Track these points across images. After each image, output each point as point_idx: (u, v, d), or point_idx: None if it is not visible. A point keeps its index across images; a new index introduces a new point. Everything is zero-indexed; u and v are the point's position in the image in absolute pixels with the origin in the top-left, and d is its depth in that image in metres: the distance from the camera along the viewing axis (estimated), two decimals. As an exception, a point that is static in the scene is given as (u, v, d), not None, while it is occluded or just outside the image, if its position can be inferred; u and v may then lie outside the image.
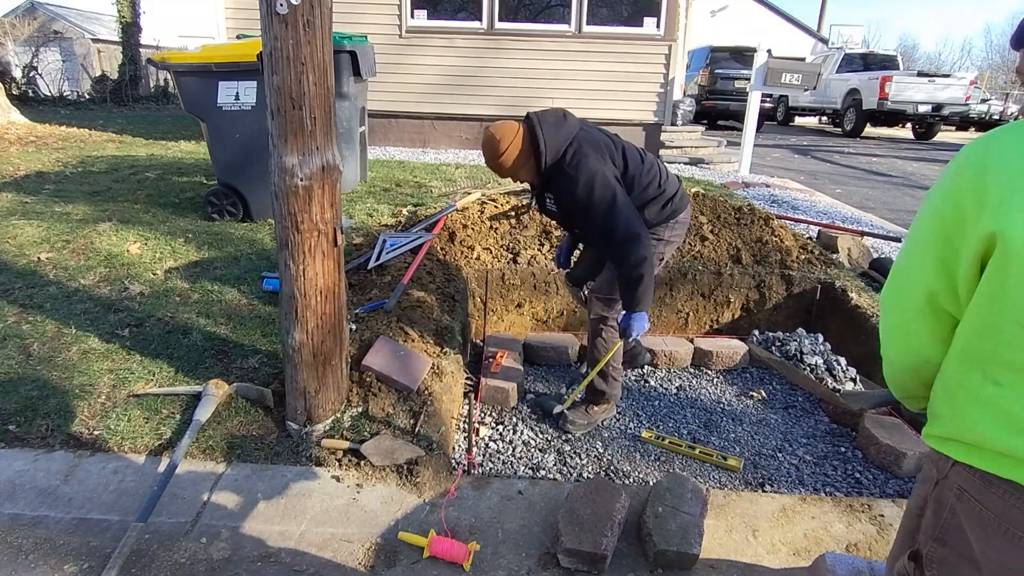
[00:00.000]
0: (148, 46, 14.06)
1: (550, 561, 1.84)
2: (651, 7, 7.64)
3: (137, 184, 5.00)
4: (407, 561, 1.81)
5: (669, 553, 1.81)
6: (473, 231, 3.94)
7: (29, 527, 1.85)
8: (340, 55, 4.30)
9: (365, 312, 2.98)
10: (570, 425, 2.42)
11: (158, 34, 15.88)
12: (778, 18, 24.56)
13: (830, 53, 16.30)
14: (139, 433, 2.24)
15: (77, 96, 13.55)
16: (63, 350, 2.63)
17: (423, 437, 2.32)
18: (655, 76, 7.77)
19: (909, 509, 0.98)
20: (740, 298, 3.77)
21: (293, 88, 1.89)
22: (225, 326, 2.86)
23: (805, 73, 6.99)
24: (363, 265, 3.45)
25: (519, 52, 7.72)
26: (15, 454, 2.13)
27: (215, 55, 3.83)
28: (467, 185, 5.39)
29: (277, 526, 1.90)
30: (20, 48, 15.07)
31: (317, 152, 1.99)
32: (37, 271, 3.21)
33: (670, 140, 8.02)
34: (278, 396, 2.39)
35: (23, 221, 3.78)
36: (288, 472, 2.11)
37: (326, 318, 2.18)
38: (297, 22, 1.84)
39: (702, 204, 4.12)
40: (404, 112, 8.00)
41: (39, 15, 19.34)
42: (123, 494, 1.99)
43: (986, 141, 0.83)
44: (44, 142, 7.00)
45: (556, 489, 2.17)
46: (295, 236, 2.03)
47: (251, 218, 4.12)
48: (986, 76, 28.69)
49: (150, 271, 3.26)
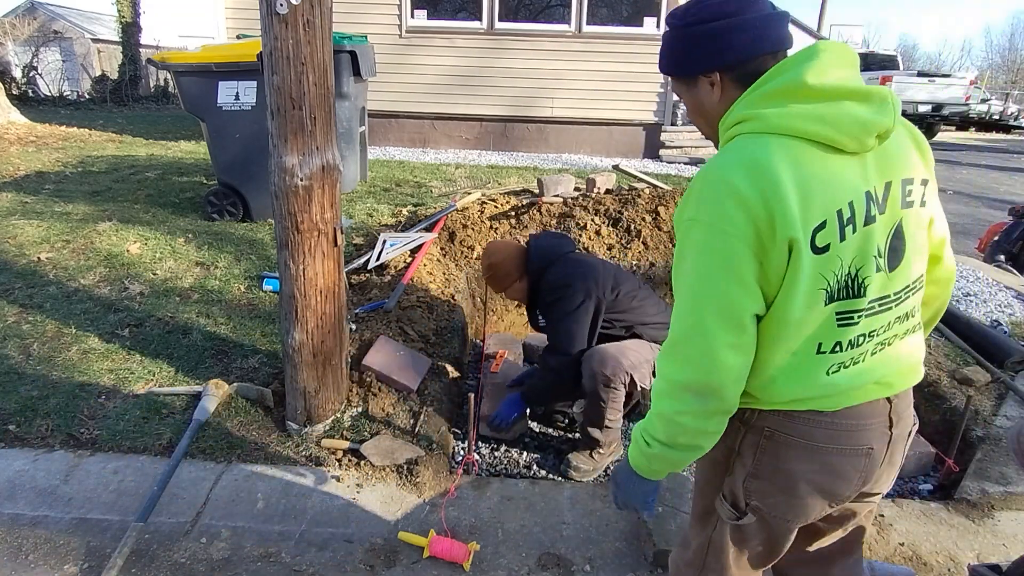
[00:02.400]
0: (148, 46, 14.08)
1: (550, 561, 1.84)
2: (651, 7, 7.64)
3: (137, 184, 5.00)
4: (407, 561, 1.81)
5: (669, 553, 1.80)
6: (473, 231, 3.94)
7: (29, 527, 1.85)
8: (340, 55, 4.30)
9: (365, 312, 2.98)
10: (574, 471, 2.42)
11: (158, 34, 15.92)
12: (778, 18, 24.52)
13: (830, 53, 16.27)
14: (139, 433, 2.24)
15: (77, 96, 13.55)
16: (63, 350, 2.63)
17: (423, 437, 2.32)
18: (655, 76, 7.76)
19: (712, 461, 1.16)
20: (740, 298, 3.77)
21: (293, 88, 1.89)
22: (225, 326, 2.86)
23: (805, 73, 6.98)
24: (363, 265, 3.45)
25: (519, 52, 7.72)
26: (15, 454, 2.13)
27: (215, 55, 3.83)
28: (467, 185, 5.39)
29: (277, 526, 1.90)
30: (20, 48, 15.08)
31: (317, 152, 1.99)
32: (37, 271, 3.21)
33: (670, 140, 8.02)
34: (278, 396, 2.39)
35: (23, 221, 3.78)
36: (288, 472, 2.11)
37: (326, 318, 2.18)
38: (297, 22, 1.84)
39: (702, 204, 4.12)
40: (404, 112, 8.00)
41: (39, 15, 19.35)
42: (123, 494, 1.99)
43: (730, 176, 0.95)
44: (44, 142, 7.00)
45: (556, 489, 2.17)
46: (295, 236, 2.03)
47: (251, 218, 4.12)
48: (986, 76, 28.70)
49: (150, 271, 3.26)
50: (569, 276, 2.37)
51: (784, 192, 0.92)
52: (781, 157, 0.93)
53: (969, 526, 2.06)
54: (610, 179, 4.59)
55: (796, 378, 1.02)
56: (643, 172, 5.29)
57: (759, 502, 1.12)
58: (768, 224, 0.92)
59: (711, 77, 1.06)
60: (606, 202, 4.12)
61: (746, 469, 1.11)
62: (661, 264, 3.78)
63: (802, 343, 1.00)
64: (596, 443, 2.41)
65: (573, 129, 8.05)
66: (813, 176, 0.94)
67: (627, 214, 3.99)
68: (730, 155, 0.97)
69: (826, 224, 0.94)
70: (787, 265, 0.95)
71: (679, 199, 4.03)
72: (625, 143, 8.08)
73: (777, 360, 1.02)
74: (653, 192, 4.21)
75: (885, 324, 1.04)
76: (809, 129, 0.94)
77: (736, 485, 1.13)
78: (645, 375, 2.37)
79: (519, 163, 7.03)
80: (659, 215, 3.98)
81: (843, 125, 0.94)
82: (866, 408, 1.05)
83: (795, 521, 1.12)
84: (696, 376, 0.99)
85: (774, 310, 0.98)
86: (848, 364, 1.03)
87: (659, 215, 3.98)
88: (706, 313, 0.97)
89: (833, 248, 0.95)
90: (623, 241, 3.88)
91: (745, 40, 1.01)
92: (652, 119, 7.94)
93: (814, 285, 0.96)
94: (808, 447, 1.05)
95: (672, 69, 1.12)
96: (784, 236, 0.92)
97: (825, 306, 0.98)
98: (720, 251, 0.95)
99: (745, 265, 0.94)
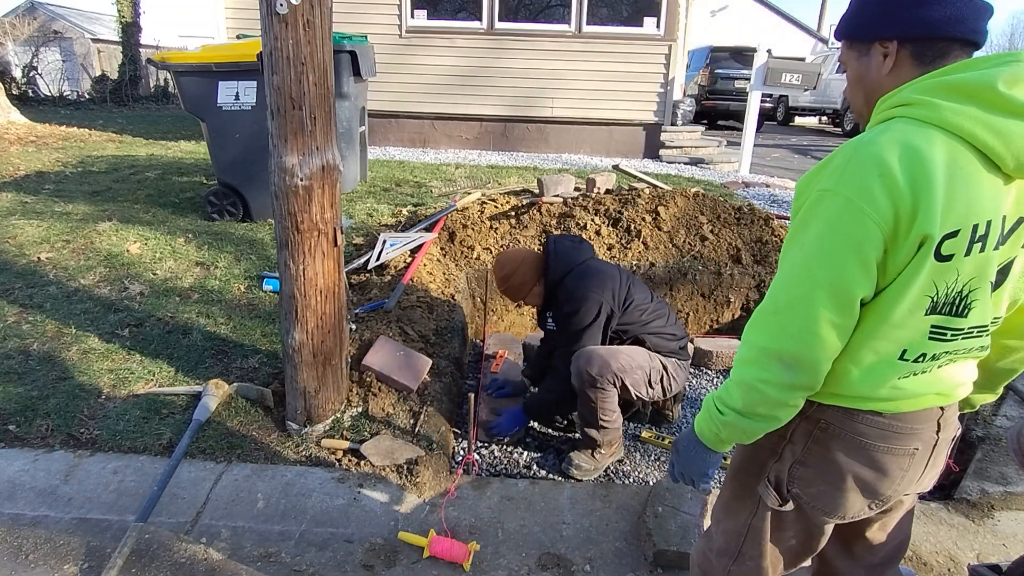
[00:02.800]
0: (148, 46, 14.07)
1: (550, 561, 1.84)
2: (651, 7, 7.64)
3: (137, 184, 5.00)
4: (407, 561, 1.81)
5: (669, 553, 1.81)
6: (473, 231, 3.94)
7: (29, 527, 1.85)
8: (340, 55, 4.30)
9: (365, 312, 2.98)
10: (575, 470, 2.41)
11: (158, 34, 15.91)
12: (778, 18, 24.55)
13: (830, 53, 16.28)
14: (139, 433, 2.24)
15: (77, 96, 13.54)
16: (63, 350, 2.63)
17: (423, 437, 2.32)
18: (655, 76, 7.77)
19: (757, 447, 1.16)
20: (740, 298, 3.77)
21: (293, 88, 1.89)
22: (225, 326, 2.86)
23: (805, 73, 6.98)
24: (363, 265, 3.45)
25: (519, 52, 7.72)
26: (15, 454, 2.13)
27: (215, 55, 3.83)
28: (467, 185, 5.39)
29: (277, 526, 1.90)
30: (20, 48, 15.07)
31: (317, 152, 1.99)
32: (37, 271, 3.21)
33: (670, 140, 8.02)
34: (278, 396, 2.39)
35: (23, 221, 3.78)
36: (288, 472, 2.11)
37: (326, 318, 2.18)
38: (297, 22, 1.84)
39: (702, 204, 4.12)
40: (404, 112, 8.00)
41: (39, 15, 19.33)
42: (123, 494, 1.99)
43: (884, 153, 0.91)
44: (44, 142, 6.99)
45: (556, 489, 2.17)
46: (295, 236, 2.03)
47: (251, 218, 4.12)
48: (986, 76, 28.60)
49: (150, 271, 3.26)
50: (586, 288, 2.38)
51: (935, 188, 0.88)
52: (941, 152, 0.90)
53: (969, 526, 2.06)
54: (610, 179, 4.59)
55: (871, 377, 1.01)
56: (643, 172, 5.30)
57: (800, 490, 1.12)
58: (909, 215, 0.89)
59: (887, 47, 1.00)
60: (606, 202, 4.12)
61: (795, 456, 1.12)
62: (661, 264, 3.78)
63: (890, 345, 0.99)
64: (595, 443, 2.41)
65: (573, 129, 8.05)
66: (963, 183, 0.90)
67: (627, 214, 3.99)
68: (889, 135, 0.92)
69: (958, 234, 0.91)
70: (909, 262, 0.92)
71: (678, 198, 4.04)
72: (625, 143, 8.08)
73: (861, 355, 1.00)
74: (653, 192, 4.21)
75: (966, 349, 1.03)
76: (979, 136, 0.90)
77: (783, 471, 1.13)
78: (638, 381, 2.38)
79: (519, 163, 7.03)
80: (659, 215, 3.98)
81: (1014, 143, 0.90)
82: (922, 414, 1.06)
83: (832, 515, 1.12)
84: (790, 346, 0.97)
85: (877, 305, 0.97)
86: (919, 373, 1.03)
87: (659, 215, 3.98)
88: (818, 286, 0.94)
89: (955, 260, 0.93)
90: (623, 241, 3.88)
91: (939, 16, 0.94)
92: (652, 119, 7.94)
93: (924, 291, 0.94)
94: (859, 444, 1.06)
95: (851, 31, 1.06)
96: (920, 231, 0.89)
97: (925, 316, 0.97)
98: (850, 228, 0.91)
99: (871, 248, 0.91)
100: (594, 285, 2.38)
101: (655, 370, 2.44)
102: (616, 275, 2.48)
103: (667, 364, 2.48)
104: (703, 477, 1.16)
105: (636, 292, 2.49)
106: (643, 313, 2.47)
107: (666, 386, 2.49)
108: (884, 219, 0.90)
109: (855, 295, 0.94)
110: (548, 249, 2.52)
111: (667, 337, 2.50)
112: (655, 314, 2.50)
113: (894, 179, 0.88)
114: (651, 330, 2.47)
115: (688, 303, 3.76)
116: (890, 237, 0.91)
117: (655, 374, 2.44)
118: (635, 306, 2.45)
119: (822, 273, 0.94)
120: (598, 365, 2.28)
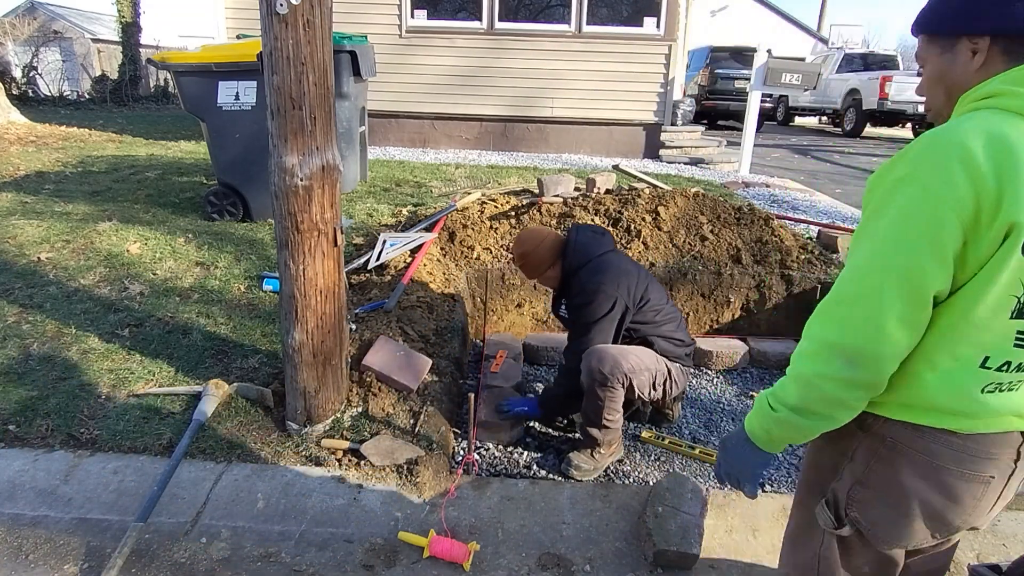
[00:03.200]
0: (148, 46, 14.08)
1: (550, 561, 1.84)
2: (651, 7, 7.64)
3: (137, 184, 5.00)
4: (407, 561, 1.81)
5: (669, 553, 1.81)
6: (473, 231, 3.94)
7: (29, 527, 1.85)
8: (340, 55, 4.29)
9: (365, 312, 2.98)
10: (575, 470, 2.41)
11: (158, 34, 15.92)
12: (778, 18, 24.57)
13: (830, 53, 16.30)
14: (139, 433, 2.24)
15: (77, 96, 13.55)
16: (63, 350, 2.63)
17: (423, 437, 2.32)
18: (655, 76, 7.77)
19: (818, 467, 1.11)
20: (740, 298, 3.77)
21: (293, 88, 1.89)
22: (225, 326, 2.86)
23: (805, 73, 6.98)
24: (363, 265, 3.45)
25: (519, 52, 7.72)
26: (15, 454, 2.13)
27: (215, 55, 3.83)
28: (467, 185, 5.39)
29: (277, 526, 1.90)
30: (20, 48, 15.08)
31: (317, 152, 1.99)
32: (37, 271, 3.21)
33: (670, 140, 8.02)
34: (278, 396, 2.39)
35: (23, 221, 3.78)
36: (288, 472, 2.11)
37: (326, 318, 2.18)
38: (297, 22, 1.84)
39: (702, 204, 4.12)
40: (404, 112, 8.00)
41: (39, 15, 19.34)
42: (123, 494, 1.99)
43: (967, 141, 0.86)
44: (44, 142, 6.99)
45: (556, 489, 2.17)
46: (295, 236, 2.03)
47: (251, 218, 4.12)
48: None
49: (150, 271, 3.26)
50: (602, 282, 2.37)
51: (1022, 173, 0.83)
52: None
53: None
54: (610, 179, 4.59)
55: (949, 386, 0.94)
56: (643, 172, 5.30)
57: (860, 514, 1.04)
58: (994, 202, 0.83)
59: (977, 43, 0.93)
60: (606, 202, 4.12)
61: (855, 476, 1.04)
62: (661, 264, 3.78)
63: (971, 350, 0.92)
64: (596, 442, 2.41)
65: (573, 129, 8.05)
66: None
67: (627, 214, 3.99)
68: (971, 123, 0.87)
69: None
70: (993, 254, 0.86)
71: (678, 198, 4.03)
72: (625, 143, 8.08)
73: (937, 359, 0.93)
74: (653, 192, 4.21)
75: None
76: None
77: (841, 491, 1.06)
78: (644, 383, 2.38)
79: (519, 163, 7.02)
80: (659, 215, 3.98)
81: None
82: (999, 437, 0.97)
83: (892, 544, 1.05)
84: (853, 340, 0.91)
85: (958, 300, 0.90)
86: (1004, 388, 0.94)
87: (659, 215, 3.98)
88: (888, 278, 0.88)
89: None
90: (623, 241, 3.88)
91: None
92: (652, 119, 7.94)
93: (1009, 289, 0.88)
94: (930, 465, 0.98)
95: (935, 25, 0.99)
96: (1007, 219, 0.84)
97: (1011, 319, 0.90)
98: (927, 217, 0.86)
99: (949, 238, 0.86)
100: (608, 280, 2.37)
101: (660, 373, 2.44)
102: (634, 272, 2.48)
103: (672, 368, 2.48)
104: (752, 479, 1.09)
105: (653, 292, 2.48)
106: (657, 315, 2.46)
107: (668, 389, 2.50)
108: (964, 207, 0.84)
109: (928, 288, 0.88)
110: (570, 237, 2.52)
111: (676, 343, 2.50)
112: (668, 317, 2.50)
113: (976, 164, 0.83)
114: (662, 333, 2.47)
115: (688, 303, 3.76)
116: (971, 226, 0.85)
117: (660, 377, 2.44)
118: (650, 306, 2.45)
119: (893, 263, 0.88)
120: (610, 364, 2.28)
